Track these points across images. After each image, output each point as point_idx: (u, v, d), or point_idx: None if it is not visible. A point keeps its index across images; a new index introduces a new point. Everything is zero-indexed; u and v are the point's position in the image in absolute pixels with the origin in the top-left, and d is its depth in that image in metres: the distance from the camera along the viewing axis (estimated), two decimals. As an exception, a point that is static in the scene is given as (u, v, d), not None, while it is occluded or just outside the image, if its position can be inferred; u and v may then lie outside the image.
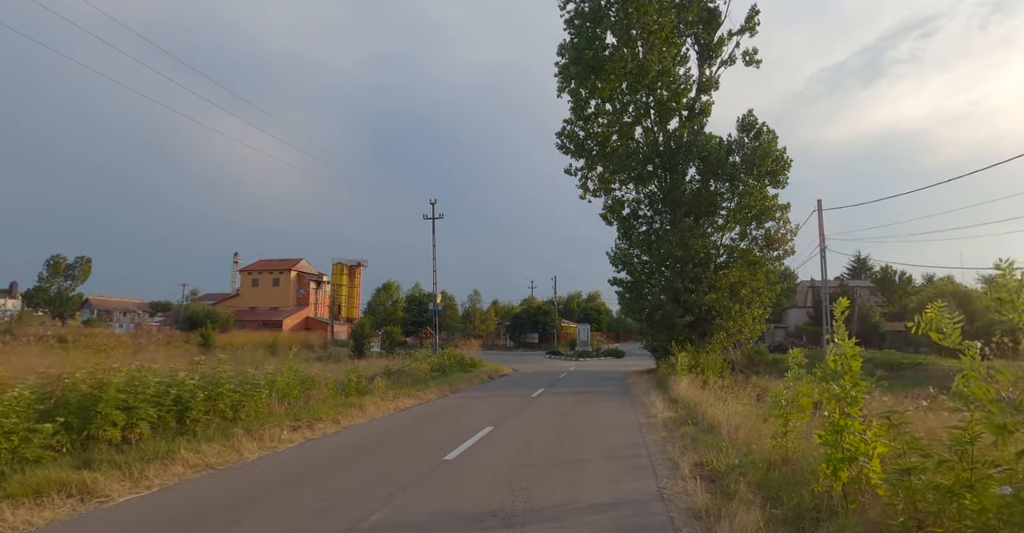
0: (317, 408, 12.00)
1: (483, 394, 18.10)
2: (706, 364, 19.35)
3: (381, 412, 13.02)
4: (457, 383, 20.20)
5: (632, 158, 25.74)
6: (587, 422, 12.01)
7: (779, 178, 25.87)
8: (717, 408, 11.40)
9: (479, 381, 22.36)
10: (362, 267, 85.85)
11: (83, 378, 8.06)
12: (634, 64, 24.85)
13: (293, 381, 12.46)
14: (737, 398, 13.13)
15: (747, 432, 8.87)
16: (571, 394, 18.30)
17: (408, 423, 11.78)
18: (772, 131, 25.96)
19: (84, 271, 78.41)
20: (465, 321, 78.19)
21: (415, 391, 16.61)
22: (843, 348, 5.35)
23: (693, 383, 16.46)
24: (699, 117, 26.31)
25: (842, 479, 5.01)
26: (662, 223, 26.74)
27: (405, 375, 19.87)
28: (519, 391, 18.97)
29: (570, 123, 27.80)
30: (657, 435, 10.29)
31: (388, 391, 15.85)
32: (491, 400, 16.23)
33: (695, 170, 26.48)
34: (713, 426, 10.14)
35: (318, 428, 10.48)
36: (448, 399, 16.47)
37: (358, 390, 15.10)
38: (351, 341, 47.69)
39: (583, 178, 28.11)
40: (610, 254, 27.12)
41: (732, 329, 24.73)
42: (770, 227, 25.77)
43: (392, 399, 14.85)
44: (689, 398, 14.25)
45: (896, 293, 64.01)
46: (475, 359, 30.89)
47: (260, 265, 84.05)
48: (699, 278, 24.70)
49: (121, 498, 6.10)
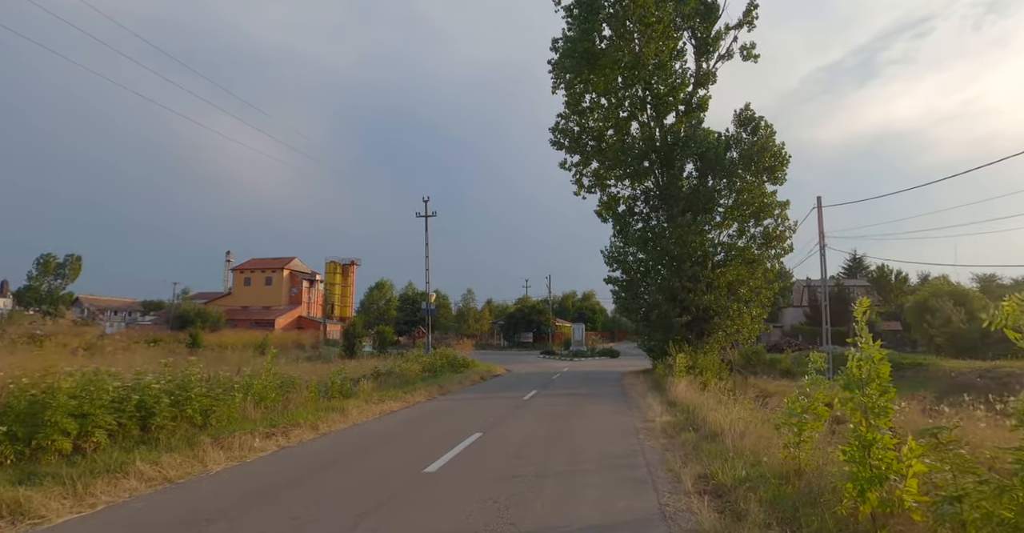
0: (296, 413, 11.33)
1: (473, 396, 17.48)
2: (704, 365, 18.77)
3: (364, 416, 12.37)
4: (447, 384, 19.56)
5: (628, 153, 25.15)
6: (581, 427, 11.39)
7: (777, 174, 25.36)
8: (719, 412, 10.79)
9: (470, 382, 21.74)
10: (355, 266, 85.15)
11: (32, 383, 7.38)
12: (630, 57, 24.26)
13: (271, 384, 11.80)
14: (738, 401, 12.55)
15: (753, 440, 8.27)
16: (564, 396, 17.69)
17: (391, 429, 11.13)
18: (770, 126, 25.44)
19: (74, 270, 77.53)
20: (459, 320, 77.58)
21: (402, 393, 15.96)
22: (869, 352, 4.75)
23: (691, 385, 15.88)
24: (696, 112, 25.77)
25: (871, 502, 4.39)
26: (658, 220, 26.18)
27: (393, 376, 19.24)
28: (511, 393, 18.35)
29: (564, 118, 27.22)
30: (656, 442, 9.68)
31: (374, 393, 15.20)
32: (481, 403, 15.60)
33: (692, 166, 25.93)
34: (716, 433, 9.53)
35: (294, 435, 9.83)
36: (436, 402, 15.83)
37: (342, 393, 14.44)
38: (343, 341, 47.06)
39: (578, 174, 27.54)
40: (605, 252, 26.55)
41: (730, 329, 24.19)
42: (768, 224, 25.24)
43: (377, 402, 14.21)
44: (688, 401, 13.66)
45: (892, 292, 63.76)
46: (467, 359, 30.26)
47: (252, 264, 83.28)
48: (696, 277, 24.14)
49: (59, 518, 5.43)
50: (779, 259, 25.38)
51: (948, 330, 37.94)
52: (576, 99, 26.37)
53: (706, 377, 17.30)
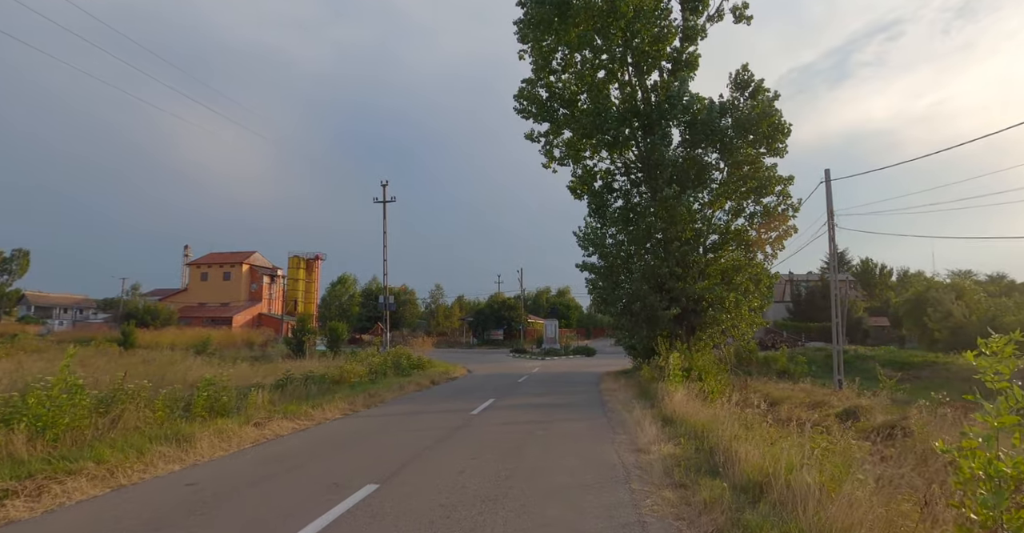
0: (101, 449, 7.22)
1: (406, 410, 13.38)
2: (702, 367, 14.95)
3: (223, 449, 8.31)
4: (381, 392, 15.45)
5: (605, 117, 21.30)
6: (543, 469, 7.45)
7: (777, 145, 21.64)
8: (750, 442, 7.01)
9: (414, 388, 17.67)
10: (320, 260, 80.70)
11: None
12: (606, 4, 20.43)
13: (69, 403, 7.66)
14: (769, 421, 8.84)
15: (848, 508, 4.43)
16: (527, 409, 13.74)
17: (239, 476, 7.04)
18: (770, 90, 21.74)
19: (22, 265, 71.40)
20: (428, 317, 73.38)
21: (310, 407, 11.89)
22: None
23: (691, 394, 12.12)
24: (684, 70, 21.96)
25: None
26: (641, 196, 22.41)
27: (314, 382, 15.15)
28: (459, 403, 14.35)
29: (530, 84, 23.22)
30: (662, 502, 5.82)
31: (265, 409, 11.13)
32: (411, 421, 11.59)
33: (680, 135, 22.20)
34: (758, 484, 5.75)
35: (49, 496, 5.76)
36: (350, 420, 11.73)
37: (213, 409, 10.34)
38: (292, 339, 42.45)
39: (547, 145, 23.61)
40: (578, 234, 22.63)
41: (726, 323, 20.51)
42: (770, 203, 21.59)
43: (265, 421, 10.18)
44: (692, 418, 9.90)
45: (877, 287, 61.23)
46: (423, 359, 26.27)
47: (210, 258, 78.73)
48: (686, 261, 20.45)
49: None
50: (781, 242, 21.72)
51: (949, 324, 35.09)
52: (545, 57, 22.40)
53: (707, 383, 13.56)
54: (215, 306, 73.27)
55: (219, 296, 74.68)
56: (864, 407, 14.60)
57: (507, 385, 19.81)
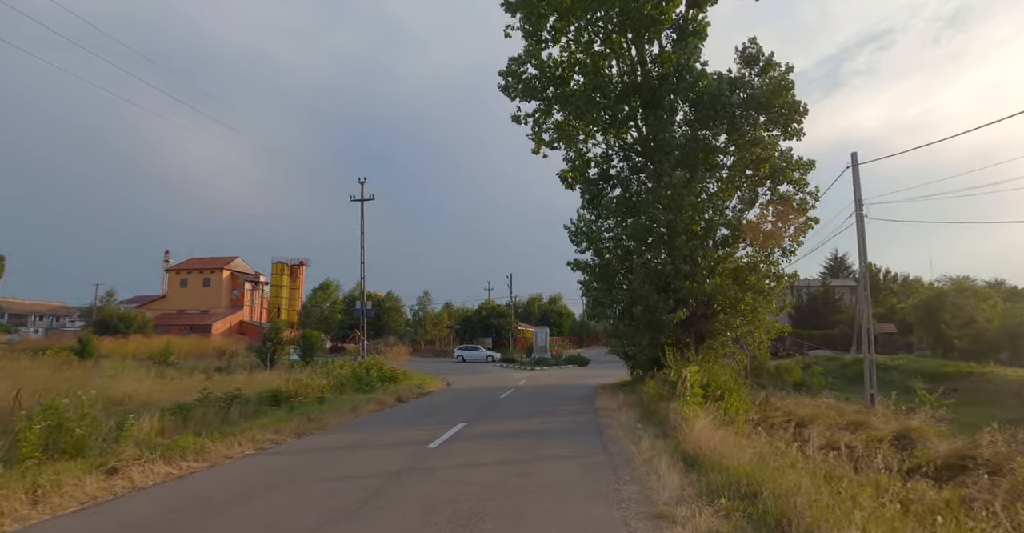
0: None
1: (345, 442, 10.19)
2: (722, 384, 11.96)
3: (17, 520, 5.36)
4: (325, 415, 12.38)
5: (603, 92, 18.53)
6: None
7: (791, 127, 18.83)
8: (840, 508, 4.15)
9: (371, 408, 14.58)
10: (305, 266, 77.87)
11: None
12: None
13: None
14: (824, 456, 5.98)
15: None
16: (503, 439, 10.66)
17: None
18: (781, 64, 18.93)
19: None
20: (416, 325, 70.29)
21: (215, 440, 8.90)
22: None
23: (716, 421, 9.22)
24: (691, 39, 19.16)
25: None
26: (640, 184, 19.62)
27: (239, 403, 12.13)
28: (417, 431, 11.29)
29: (517, 62, 20.39)
30: None
31: (147, 444, 8.15)
32: (338, 462, 8.48)
33: (684, 115, 19.44)
34: None
35: None
36: (258, 459, 8.62)
37: (58, 447, 7.36)
38: (263, 348, 39.13)
39: (536, 127, 20.80)
40: (570, 228, 19.83)
41: (741, 330, 17.68)
42: (787, 191, 18.82)
43: (127, 466, 7.21)
44: (728, 460, 7.00)
45: (882, 292, 58.67)
46: (397, 371, 23.27)
47: (190, 264, 75.76)
48: (694, 256, 17.65)
49: None
50: (800, 236, 18.91)
51: (971, 331, 32.42)
52: (535, 24, 19.59)
53: (731, 402, 10.67)
54: (194, 313, 70.24)
55: (199, 303, 71.78)
56: (917, 431, 11.84)
57: (485, 404, 16.85)
